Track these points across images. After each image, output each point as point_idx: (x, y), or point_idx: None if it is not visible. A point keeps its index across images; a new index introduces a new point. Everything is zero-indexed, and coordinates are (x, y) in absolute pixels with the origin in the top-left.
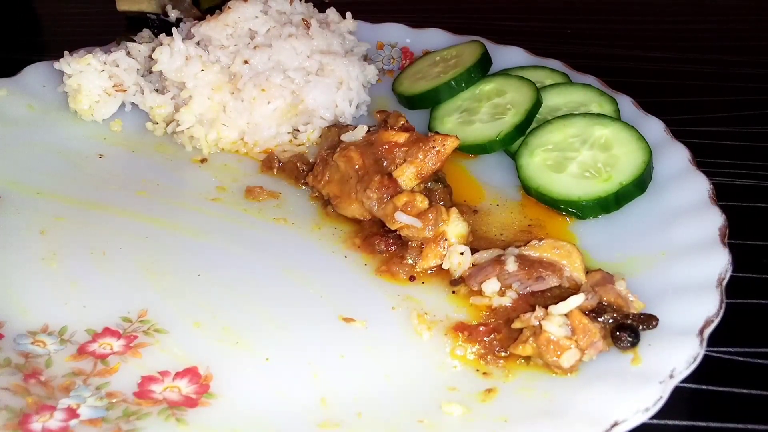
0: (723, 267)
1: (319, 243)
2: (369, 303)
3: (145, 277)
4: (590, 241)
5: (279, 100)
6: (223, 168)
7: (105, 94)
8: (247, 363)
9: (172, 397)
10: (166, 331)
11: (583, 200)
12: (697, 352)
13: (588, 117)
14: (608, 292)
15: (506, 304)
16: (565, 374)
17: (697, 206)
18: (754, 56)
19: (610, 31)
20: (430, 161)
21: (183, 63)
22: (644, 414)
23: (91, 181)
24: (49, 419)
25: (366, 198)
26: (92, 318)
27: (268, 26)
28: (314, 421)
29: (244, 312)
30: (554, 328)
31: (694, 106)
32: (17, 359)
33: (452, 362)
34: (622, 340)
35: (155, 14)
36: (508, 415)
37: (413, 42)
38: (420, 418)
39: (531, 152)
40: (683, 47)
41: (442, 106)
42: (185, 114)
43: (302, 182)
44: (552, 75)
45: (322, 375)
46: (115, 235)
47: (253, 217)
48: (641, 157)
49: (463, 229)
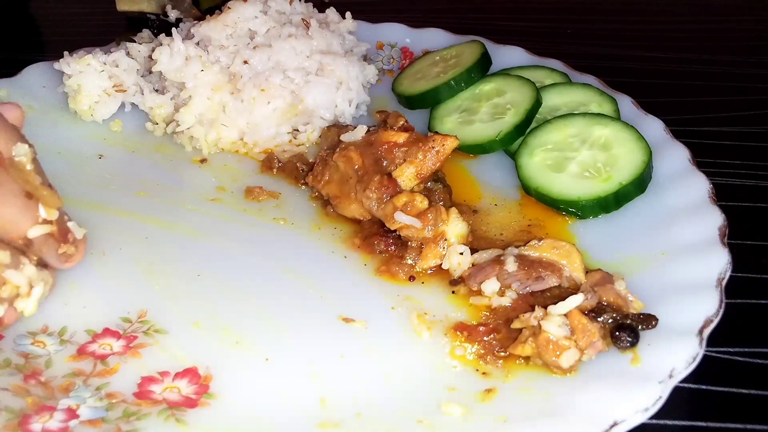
0: (723, 267)
1: (318, 243)
2: (369, 303)
3: (144, 278)
4: (590, 241)
5: (279, 101)
6: (223, 168)
7: (105, 95)
8: (247, 363)
9: (171, 397)
10: (165, 332)
11: (582, 200)
12: (697, 351)
13: (588, 117)
14: (608, 292)
15: (506, 304)
16: (565, 374)
17: (696, 206)
18: (754, 56)
19: (610, 31)
20: (429, 161)
21: (183, 63)
22: (644, 414)
23: (91, 182)
24: (48, 420)
25: (365, 198)
26: (92, 318)
27: (268, 26)
28: (314, 421)
29: (243, 312)
30: (553, 328)
31: (694, 106)
32: (17, 360)
33: (452, 362)
34: (622, 340)
35: (155, 14)
36: (507, 415)
37: (413, 42)
38: (419, 418)
39: (531, 152)
40: (683, 47)
41: (442, 106)
42: (185, 114)
43: (302, 182)
44: (552, 75)
45: (321, 375)
46: (115, 236)
47: (253, 217)
48: (641, 156)
49: (462, 229)
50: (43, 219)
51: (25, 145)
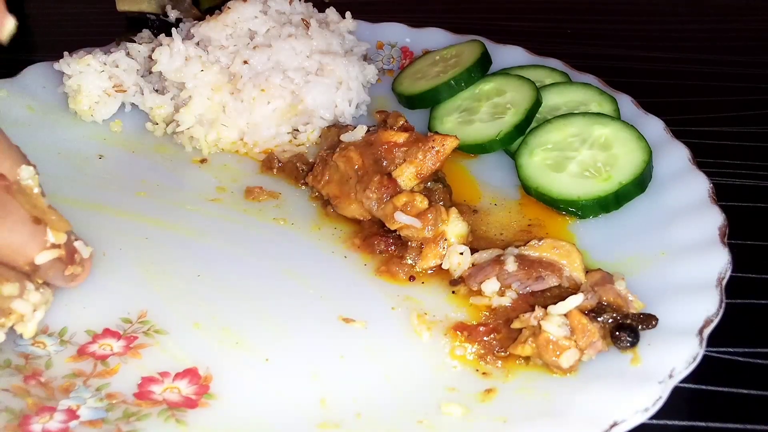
0: (723, 267)
1: (318, 243)
2: (369, 303)
3: (144, 278)
4: (590, 241)
5: (279, 101)
6: (223, 168)
7: (105, 95)
8: (247, 364)
9: (172, 397)
10: (165, 332)
11: (582, 200)
12: (697, 351)
13: (588, 116)
14: (608, 291)
15: (506, 304)
16: (565, 374)
17: (696, 206)
18: (754, 56)
19: (610, 31)
20: (429, 161)
21: (183, 63)
22: (644, 414)
23: (91, 182)
24: (49, 420)
25: (365, 198)
26: (92, 319)
27: (268, 26)
28: (314, 421)
29: (243, 312)
30: (553, 328)
31: (694, 106)
32: (17, 360)
33: (452, 362)
34: (622, 339)
35: (155, 14)
36: (507, 416)
37: (413, 42)
38: (419, 418)
39: (531, 152)
40: (683, 47)
41: (442, 106)
42: (185, 114)
43: (302, 182)
44: (552, 74)
45: (321, 375)
46: (115, 236)
47: (253, 217)
48: (641, 156)
49: (462, 229)
50: (51, 243)
51: (31, 167)
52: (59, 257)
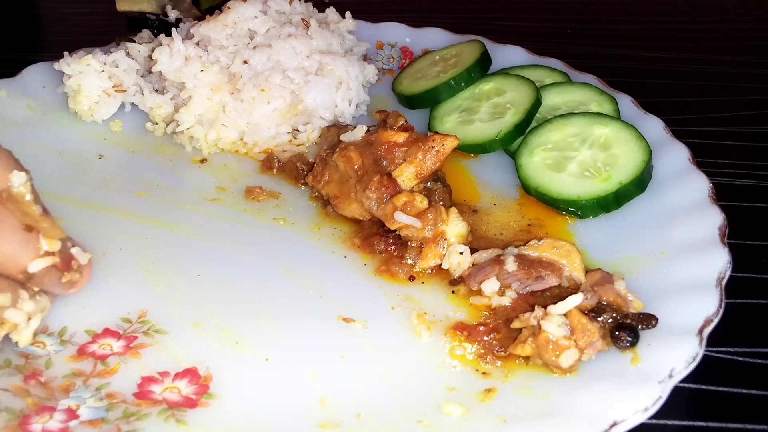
0: (723, 266)
1: (318, 243)
2: (368, 303)
3: (144, 278)
4: (590, 241)
5: (278, 100)
6: (223, 168)
7: (105, 95)
8: (247, 363)
9: (171, 397)
10: (165, 332)
11: (582, 199)
12: (697, 351)
13: (588, 116)
14: (607, 291)
15: (506, 304)
16: (564, 374)
17: (696, 205)
18: (753, 56)
19: (610, 31)
20: (429, 161)
21: (182, 63)
22: (643, 414)
23: (91, 182)
24: (48, 420)
25: (365, 198)
26: (92, 319)
27: (268, 26)
28: (314, 421)
29: (243, 312)
30: (553, 328)
31: (694, 106)
32: (17, 360)
33: (452, 362)
34: (622, 339)
35: (155, 14)
36: (507, 415)
37: (413, 41)
38: (419, 418)
39: (530, 151)
40: (683, 47)
41: (442, 106)
42: (185, 114)
43: (302, 182)
44: (552, 74)
45: (321, 375)
46: (115, 236)
47: (253, 217)
48: (641, 156)
49: (462, 228)
50: (45, 251)
51: (23, 174)
52: (54, 265)
